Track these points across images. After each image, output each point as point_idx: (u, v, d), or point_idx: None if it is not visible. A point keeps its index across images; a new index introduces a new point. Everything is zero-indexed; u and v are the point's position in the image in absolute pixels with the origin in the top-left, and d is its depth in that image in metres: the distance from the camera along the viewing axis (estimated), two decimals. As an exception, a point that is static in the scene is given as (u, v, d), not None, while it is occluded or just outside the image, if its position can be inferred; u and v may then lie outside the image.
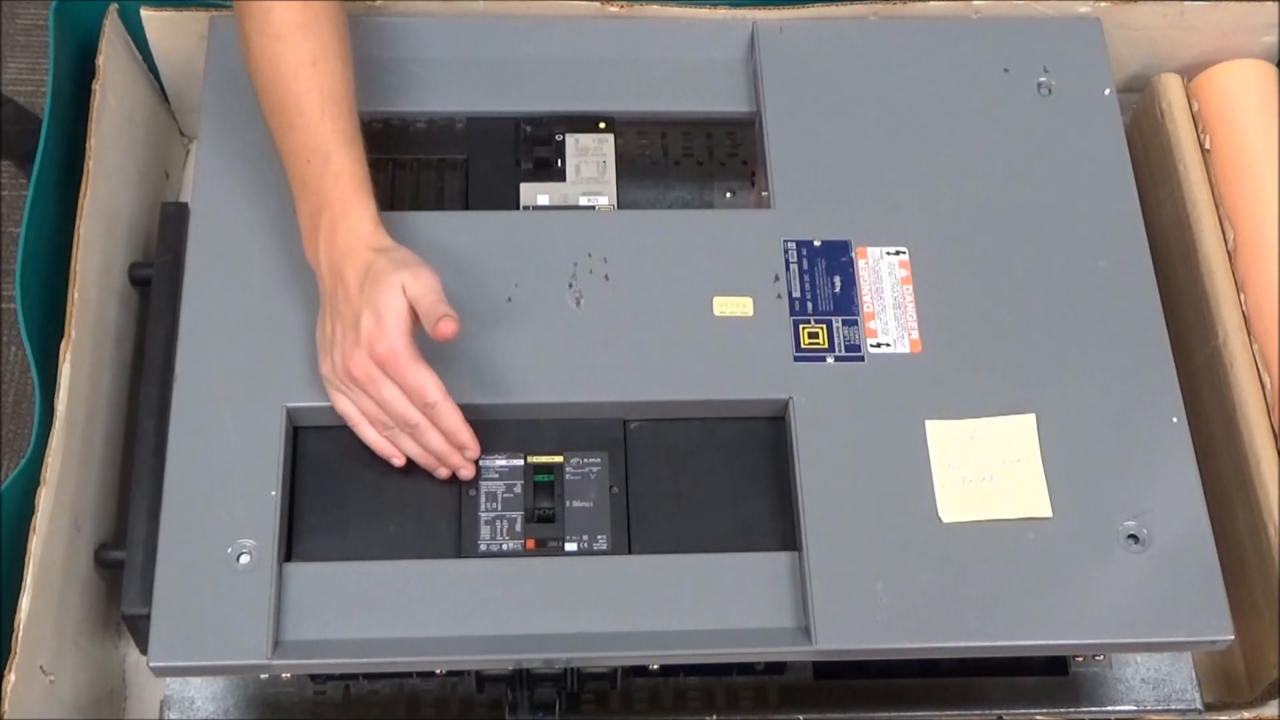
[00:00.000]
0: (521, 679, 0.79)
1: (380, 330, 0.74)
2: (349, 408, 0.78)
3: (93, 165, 0.86)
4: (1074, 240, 0.86)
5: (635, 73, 0.91)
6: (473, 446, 0.78)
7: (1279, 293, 0.87)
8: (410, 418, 0.76)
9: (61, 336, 0.82)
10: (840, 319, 0.83)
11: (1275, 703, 0.82)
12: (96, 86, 0.89)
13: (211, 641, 0.74)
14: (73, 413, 0.81)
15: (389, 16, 0.91)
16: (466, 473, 0.79)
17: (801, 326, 0.83)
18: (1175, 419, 0.82)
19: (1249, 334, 0.88)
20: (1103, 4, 0.93)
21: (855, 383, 0.82)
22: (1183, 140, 0.93)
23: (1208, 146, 0.93)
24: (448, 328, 0.73)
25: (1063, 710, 0.83)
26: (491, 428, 0.79)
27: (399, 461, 0.79)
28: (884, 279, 0.85)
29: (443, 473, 0.79)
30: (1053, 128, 0.90)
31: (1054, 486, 0.79)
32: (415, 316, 0.75)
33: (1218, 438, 0.88)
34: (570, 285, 0.83)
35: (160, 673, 0.75)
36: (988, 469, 0.79)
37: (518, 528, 0.78)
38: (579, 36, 0.91)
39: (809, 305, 0.84)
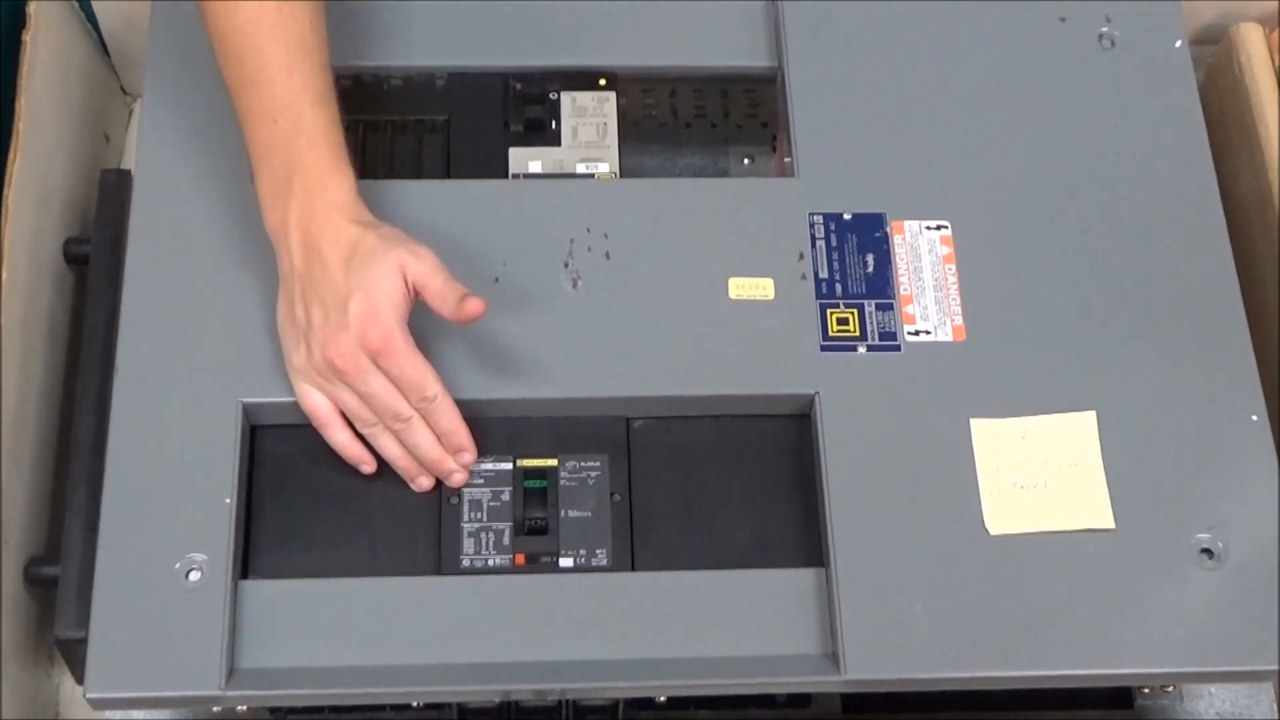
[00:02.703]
0: (510, 712, 0.80)
1: (374, 314, 0.74)
2: (319, 403, 0.78)
3: (23, 128, 0.86)
4: (1140, 213, 0.87)
5: (640, 22, 0.91)
6: (471, 450, 0.78)
7: (1373, 273, 0.88)
8: (401, 411, 0.76)
9: (-14, 322, 0.82)
10: (873, 303, 0.84)
11: (1365, 739, 0.83)
12: (27, 38, 0.89)
13: (157, 669, 0.74)
14: (-1, 409, 0.81)
15: (359, -43, 0.92)
16: (459, 479, 0.79)
17: (829, 311, 0.83)
18: (1255, 416, 0.82)
19: (1340, 320, 0.88)
20: (1174, -57, 0.93)
21: (890, 375, 0.82)
22: (1264, 99, 0.94)
23: (1293, 106, 0.92)
24: (475, 307, 0.74)
25: (1127, 748, 0.83)
26: (476, 427, 0.79)
27: (370, 468, 0.79)
28: (923, 257, 0.85)
29: (423, 483, 0.79)
30: (1116, 85, 0.90)
31: (1117, 494, 0.80)
32: (409, 301, 0.75)
33: (1303, 439, 0.86)
34: (566, 264, 0.83)
35: (99, 704, 0.75)
36: (1041, 474, 0.80)
37: (505, 541, 0.79)
38: (577, -20, 0.92)
39: (838, 287, 0.84)
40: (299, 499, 0.80)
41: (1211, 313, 0.84)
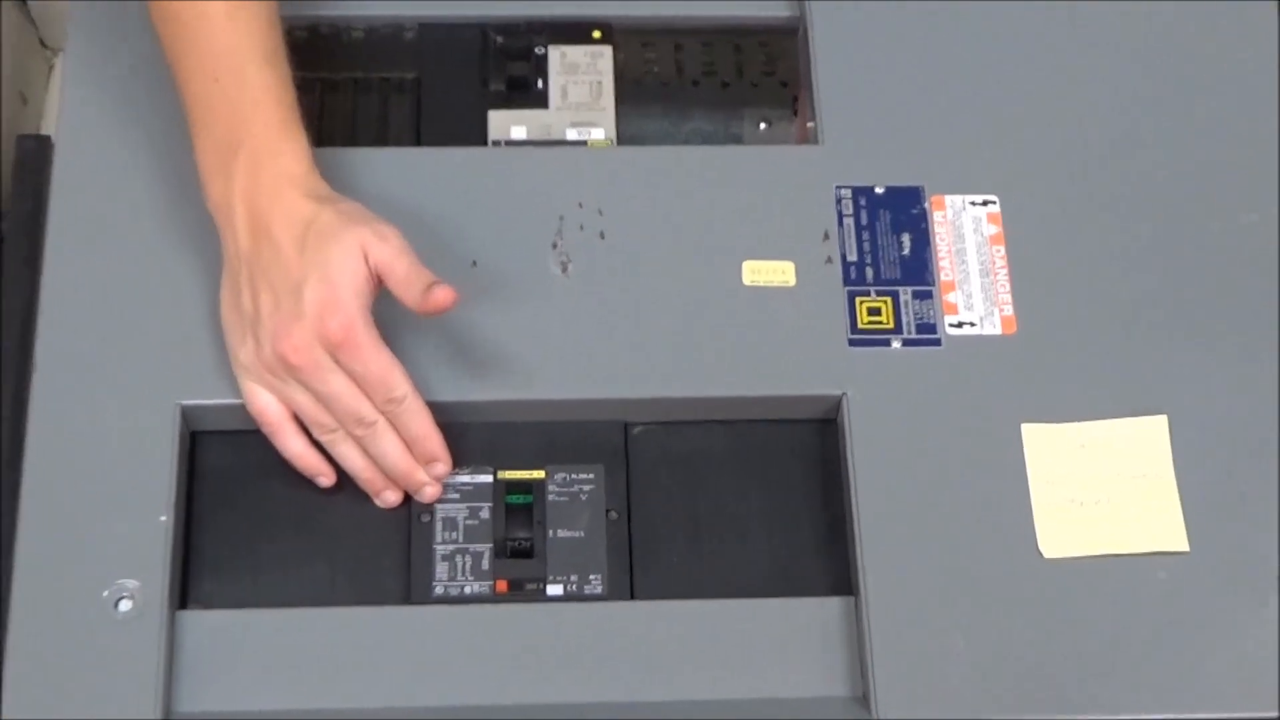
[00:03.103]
0: (489, 762, 0.78)
1: (332, 302, 0.73)
2: (269, 406, 0.76)
3: (-74, 86, 0.87)
4: (1215, 188, 0.85)
5: (639, -35, 0.90)
6: (444, 459, 0.77)
7: None
8: (364, 414, 0.75)
9: (-116, 311, 0.80)
10: (910, 290, 0.83)
11: None
12: (-71, -17, 0.91)
13: (82, 712, 0.72)
14: (-100, 413, 0.79)
15: (317, -108, 0.91)
16: (431, 493, 0.78)
17: (859, 300, 0.82)
18: (1348, 422, 0.81)
19: None
20: (1253, -123, 0.91)
21: (929, 373, 0.81)
22: (1358, 57, 0.89)
23: (1391, 64, 0.89)
24: (444, 297, 0.73)
25: (1202, 805, 0.82)
26: (450, 433, 0.78)
27: (328, 481, 0.78)
28: (967, 237, 0.84)
29: (389, 498, 0.78)
30: (1188, 43, 0.89)
31: (1190, 511, 0.78)
32: (373, 287, 0.74)
33: (1402, 446, 0.85)
34: (555, 245, 0.82)
35: (14, 753, 0.74)
36: (1104, 488, 0.78)
37: (484, 565, 0.78)
38: (566, -82, 0.91)
39: (869, 272, 0.83)
40: (246, 517, 0.78)
41: (1298, 302, 0.83)
